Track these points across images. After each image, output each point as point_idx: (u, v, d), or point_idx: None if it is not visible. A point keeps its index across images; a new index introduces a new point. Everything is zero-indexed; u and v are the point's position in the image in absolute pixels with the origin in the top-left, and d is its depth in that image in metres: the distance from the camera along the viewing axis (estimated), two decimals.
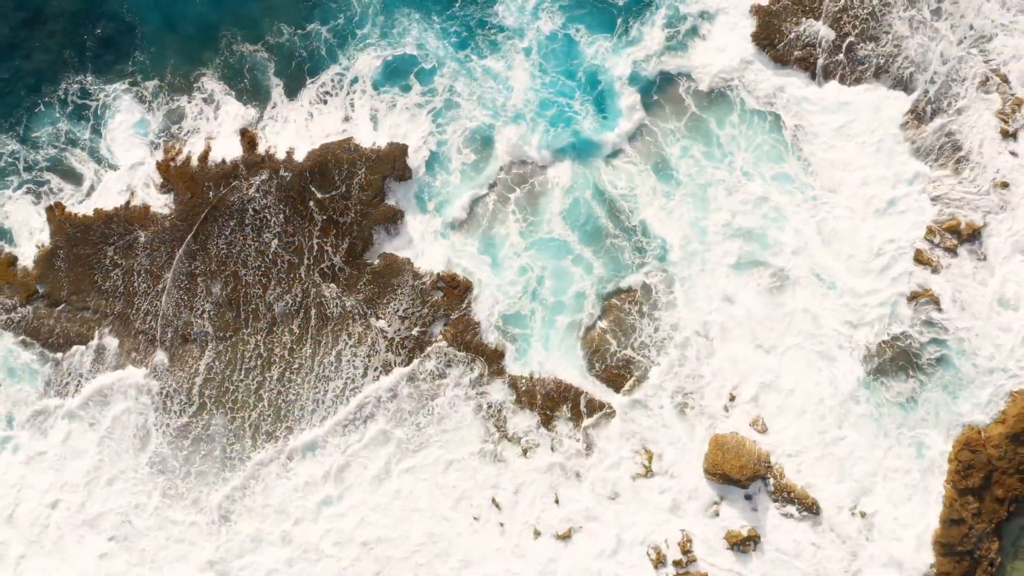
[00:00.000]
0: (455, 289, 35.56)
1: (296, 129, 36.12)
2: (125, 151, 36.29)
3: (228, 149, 35.76)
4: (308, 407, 35.47)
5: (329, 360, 35.57)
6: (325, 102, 36.35)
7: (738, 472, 33.84)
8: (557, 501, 34.88)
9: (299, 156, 35.54)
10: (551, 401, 35.31)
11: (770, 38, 36.26)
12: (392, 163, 35.35)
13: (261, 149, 35.79)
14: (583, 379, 35.49)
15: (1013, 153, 35.34)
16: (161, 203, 35.90)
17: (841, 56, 35.99)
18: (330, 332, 35.65)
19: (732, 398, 35.15)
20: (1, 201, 36.18)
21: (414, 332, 35.49)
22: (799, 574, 34.24)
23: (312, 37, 36.40)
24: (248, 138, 35.90)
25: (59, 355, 35.68)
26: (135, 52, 36.38)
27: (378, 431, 35.31)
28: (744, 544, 34.27)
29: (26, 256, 36.02)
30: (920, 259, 35.02)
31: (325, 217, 35.42)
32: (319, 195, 35.31)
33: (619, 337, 35.70)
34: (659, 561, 34.44)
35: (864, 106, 35.78)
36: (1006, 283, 34.78)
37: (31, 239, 36.05)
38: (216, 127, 36.18)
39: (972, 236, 35.04)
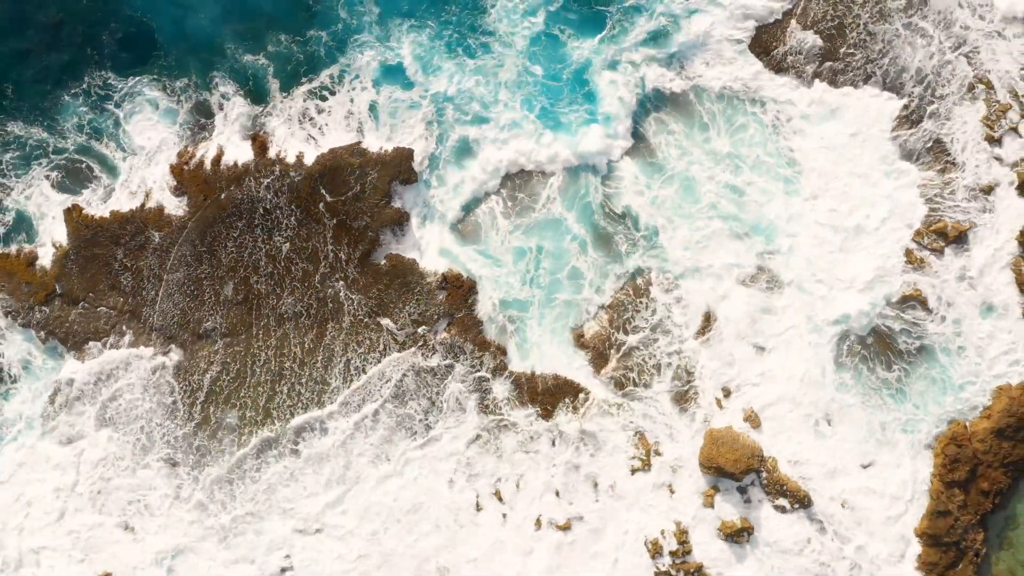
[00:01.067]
0: (459, 288, 36.21)
1: (304, 134, 36.76)
2: (149, 147, 36.81)
3: (240, 153, 36.29)
4: (315, 415, 36.04)
5: (339, 369, 35.99)
6: (325, 99, 37.04)
7: (732, 465, 34.39)
8: (557, 493, 35.38)
9: (308, 160, 35.96)
10: (551, 396, 35.86)
11: (764, 47, 37.08)
12: (398, 166, 35.91)
13: (272, 153, 36.34)
14: (580, 371, 36.01)
15: (998, 158, 36.05)
16: (175, 204, 36.30)
17: (829, 63, 36.73)
18: (341, 341, 36.08)
19: (727, 393, 35.96)
20: (22, 188, 36.68)
21: (420, 331, 36.11)
22: (791, 565, 34.79)
23: (312, 42, 37.18)
24: (259, 142, 36.49)
25: (75, 351, 36.04)
26: (155, 52, 37.09)
27: (380, 424, 35.74)
28: (738, 535, 34.80)
29: (45, 256, 36.38)
30: (908, 259, 35.76)
31: (336, 221, 35.96)
32: (329, 198, 35.88)
33: (615, 322, 36.26)
34: (656, 552, 35.00)
35: (853, 109, 36.42)
36: (991, 283, 35.47)
37: (51, 234, 36.46)
38: (227, 127, 36.74)
39: (958, 238, 35.74)
